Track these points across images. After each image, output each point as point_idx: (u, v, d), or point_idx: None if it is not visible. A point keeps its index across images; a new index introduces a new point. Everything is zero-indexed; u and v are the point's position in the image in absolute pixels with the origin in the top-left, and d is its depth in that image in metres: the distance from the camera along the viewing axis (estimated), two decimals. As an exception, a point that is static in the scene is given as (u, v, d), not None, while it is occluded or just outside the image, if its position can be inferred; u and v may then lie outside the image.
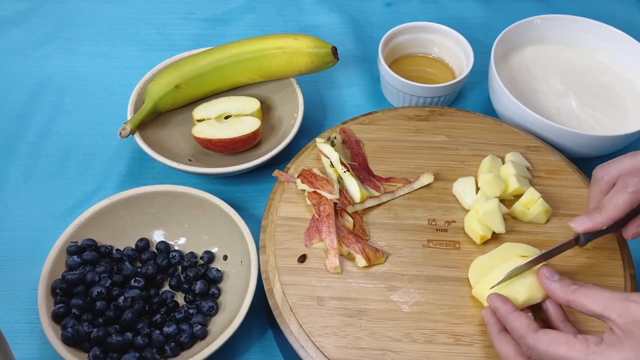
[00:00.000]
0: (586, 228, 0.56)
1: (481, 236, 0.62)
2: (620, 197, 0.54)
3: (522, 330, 0.49)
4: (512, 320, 0.51)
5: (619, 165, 0.56)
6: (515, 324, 0.50)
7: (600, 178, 0.57)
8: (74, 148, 0.80)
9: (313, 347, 0.56)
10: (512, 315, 0.51)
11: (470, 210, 0.64)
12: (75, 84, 0.87)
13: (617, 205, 0.54)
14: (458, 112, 0.75)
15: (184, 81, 0.77)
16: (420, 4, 1.01)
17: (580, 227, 0.56)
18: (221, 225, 0.67)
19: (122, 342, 0.59)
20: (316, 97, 0.86)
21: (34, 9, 0.96)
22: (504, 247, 0.60)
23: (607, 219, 0.55)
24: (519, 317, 0.51)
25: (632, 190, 0.53)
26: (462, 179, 0.67)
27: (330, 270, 0.61)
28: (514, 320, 0.51)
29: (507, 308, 0.52)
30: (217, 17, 0.97)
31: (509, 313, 0.52)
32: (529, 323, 0.50)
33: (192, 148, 0.77)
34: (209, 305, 0.63)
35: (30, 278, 0.68)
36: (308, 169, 0.67)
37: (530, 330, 0.49)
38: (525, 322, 0.50)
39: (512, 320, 0.51)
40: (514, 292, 0.55)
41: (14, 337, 0.64)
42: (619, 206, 0.54)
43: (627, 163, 0.56)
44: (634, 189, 0.53)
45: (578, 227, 0.56)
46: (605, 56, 0.84)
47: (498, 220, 0.62)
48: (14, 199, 0.75)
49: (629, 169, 0.56)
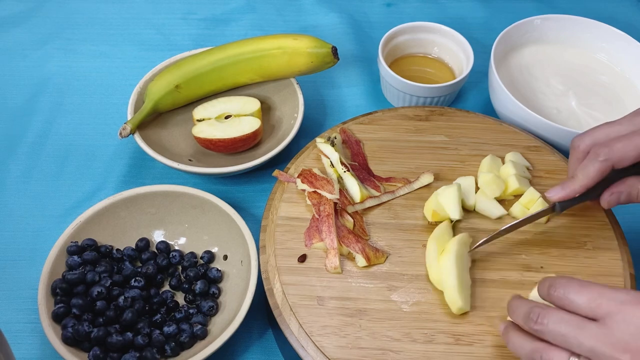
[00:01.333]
0: (560, 196, 0.58)
1: (433, 211, 0.63)
2: (591, 165, 0.56)
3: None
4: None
5: (594, 135, 0.58)
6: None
7: (576, 147, 0.59)
8: (74, 148, 0.80)
9: (313, 347, 0.56)
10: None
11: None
12: (75, 84, 0.87)
13: (588, 173, 0.56)
14: (458, 112, 0.75)
15: (184, 81, 0.77)
16: (420, 4, 1.01)
17: (555, 196, 0.58)
18: (221, 225, 0.67)
19: (122, 342, 0.59)
20: (316, 97, 0.86)
21: (34, 9, 0.96)
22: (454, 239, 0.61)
23: (579, 186, 0.57)
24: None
25: (602, 158, 0.55)
26: (461, 179, 0.67)
27: (330, 270, 0.61)
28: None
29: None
30: (217, 17, 0.97)
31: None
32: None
33: (192, 148, 0.77)
34: (209, 305, 0.63)
35: (30, 278, 0.68)
36: (308, 168, 0.67)
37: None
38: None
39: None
40: None
41: (14, 337, 0.64)
42: (590, 174, 0.56)
43: (601, 132, 0.58)
44: (604, 158, 0.55)
45: (553, 196, 0.59)
46: (605, 56, 0.84)
47: (454, 206, 0.63)
48: (14, 199, 0.75)
49: (602, 138, 0.57)
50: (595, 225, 0.65)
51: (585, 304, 0.46)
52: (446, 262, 0.58)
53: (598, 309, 0.45)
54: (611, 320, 0.44)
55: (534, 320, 0.48)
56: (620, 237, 0.64)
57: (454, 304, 0.57)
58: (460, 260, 0.59)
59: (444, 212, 0.63)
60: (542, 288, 0.50)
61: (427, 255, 0.61)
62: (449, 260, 0.58)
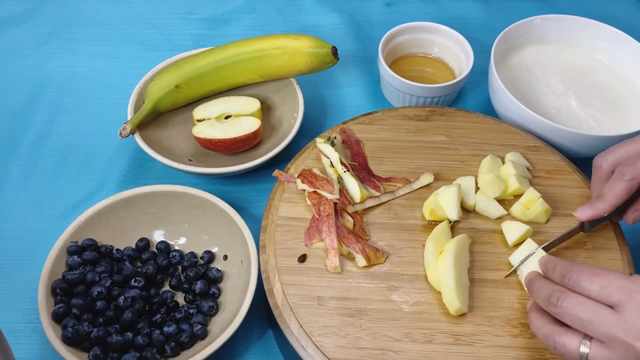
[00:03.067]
0: (589, 216, 0.60)
1: (431, 210, 0.63)
2: (618, 185, 0.58)
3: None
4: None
5: (616, 153, 0.60)
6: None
7: (599, 166, 0.61)
8: (74, 148, 0.80)
9: (313, 347, 0.56)
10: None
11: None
12: (75, 84, 0.87)
13: (616, 193, 0.59)
14: (458, 112, 0.75)
15: (184, 81, 0.77)
16: (420, 4, 1.01)
17: (584, 216, 0.60)
18: (221, 225, 0.67)
19: (122, 342, 0.59)
20: (316, 97, 0.86)
21: (34, 9, 0.96)
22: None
23: (608, 206, 0.59)
24: None
25: (628, 177, 0.58)
26: (461, 179, 0.67)
27: (330, 270, 0.61)
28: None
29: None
30: (217, 17, 0.97)
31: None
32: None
33: (192, 148, 0.77)
34: (209, 305, 0.63)
35: (30, 278, 0.68)
36: (308, 169, 0.67)
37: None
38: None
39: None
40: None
41: (15, 337, 0.64)
42: (617, 194, 0.59)
43: (622, 151, 0.60)
44: (630, 177, 0.58)
45: (582, 215, 0.61)
46: (605, 56, 0.84)
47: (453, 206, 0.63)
48: (14, 199, 0.75)
49: (625, 156, 0.59)
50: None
51: (597, 292, 0.48)
52: (444, 264, 0.58)
53: (610, 297, 0.47)
54: (624, 308, 0.46)
55: (553, 303, 0.50)
56: (620, 237, 0.64)
57: (452, 305, 0.57)
58: (459, 262, 0.59)
59: (442, 212, 0.63)
60: (554, 273, 0.52)
61: (425, 256, 0.61)
62: (447, 262, 0.58)
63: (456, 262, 0.58)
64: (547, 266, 0.54)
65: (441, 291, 0.59)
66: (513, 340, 0.57)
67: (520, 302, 0.59)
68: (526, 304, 0.58)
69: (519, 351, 0.56)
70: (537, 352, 0.56)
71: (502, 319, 0.58)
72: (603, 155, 0.61)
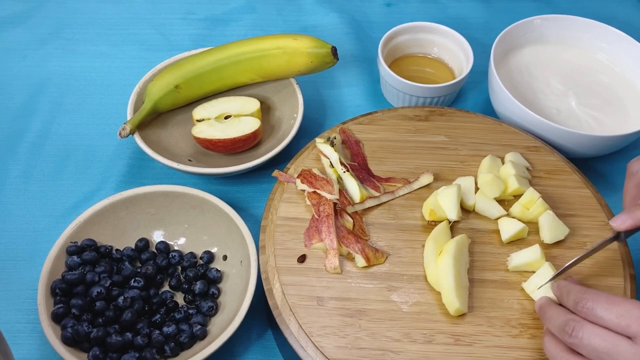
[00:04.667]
0: (628, 226, 0.55)
1: (430, 210, 0.63)
2: None
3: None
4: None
5: None
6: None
7: (635, 172, 0.57)
8: (74, 148, 0.80)
9: (313, 347, 0.56)
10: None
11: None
12: (75, 84, 0.87)
13: None
14: (458, 112, 0.75)
15: (184, 81, 0.77)
16: (420, 4, 1.01)
17: (622, 225, 0.55)
18: (221, 225, 0.67)
19: (121, 342, 0.59)
20: (316, 97, 0.86)
21: (34, 9, 0.96)
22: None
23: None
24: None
25: None
26: (461, 179, 0.67)
27: (329, 271, 0.61)
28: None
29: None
30: (217, 17, 0.97)
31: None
32: None
33: (192, 148, 0.77)
34: (209, 306, 0.63)
35: (30, 278, 0.68)
36: (308, 169, 0.67)
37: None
38: None
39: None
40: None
41: (14, 337, 0.64)
42: None
43: None
44: None
45: (619, 225, 0.56)
46: (605, 56, 0.84)
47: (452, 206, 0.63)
48: (14, 199, 0.75)
49: None
50: (595, 225, 0.65)
51: (614, 321, 0.46)
52: (444, 264, 0.58)
53: (628, 328, 0.46)
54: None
55: (569, 333, 0.48)
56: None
57: (451, 305, 0.57)
58: (458, 262, 0.59)
59: (441, 212, 0.63)
60: (567, 299, 0.50)
61: (425, 256, 0.61)
62: (446, 262, 0.58)
63: (456, 262, 0.58)
64: (562, 291, 0.52)
65: (441, 291, 0.58)
66: (513, 340, 0.57)
67: (520, 302, 0.59)
68: (526, 304, 0.58)
69: (519, 351, 0.56)
70: (537, 353, 0.56)
71: (502, 319, 0.58)
72: (637, 159, 0.58)
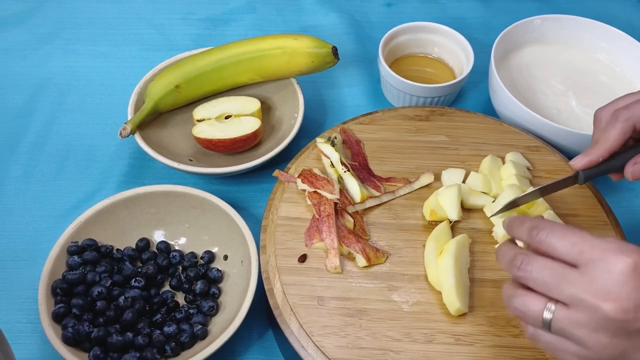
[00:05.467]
0: (584, 164, 0.56)
1: (431, 210, 0.63)
2: (613, 128, 0.54)
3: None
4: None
5: (615, 104, 0.57)
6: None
7: (599, 117, 0.58)
8: (74, 148, 0.80)
9: (313, 347, 0.56)
10: None
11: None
12: (76, 84, 0.87)
13: (610, 136, 0.54)
14: (458, 112, 0.75)
15: (184, 81, 0.77)
16: (420, 4, 1.01)
17: (579, 164, 0.56)
18: (221, 225, 0.67)
19: (122, 342, 0.59)
20: (316, 97, 0.86)
21: (34, 9, 0.96)
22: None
23: (602, 151, 0.55)
24: None
25: (622, 119, 0.54)
26: (451, 170, 0.68)
27: (330, 270, 0.61)
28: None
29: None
30: (217, 17, 0.97)
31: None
32: None
33: (192, 148, 0.77)
34: (209, 305, 0.63)
35: (30, 278, 0.68)
36: (308, 169, 0.67)
37: None
38: None
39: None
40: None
41: (15, 337, 0.64)
42: (612, 137, 0.54)
43: (622, 102, 0.56)
44: (624, 118, 0.54)
45: (577, 164, 0.56)
46: (605, 56, 0.84)
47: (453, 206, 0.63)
48: (14, 199, 0.75)
49: (623, 105, 0.56)
50: (595, 225, 0.65)
51: (567, 249, 0.44)
52: (444, 264, 0.58)
53: (580, 255, 0.44)
54: (593, 268, 0.43)
55: (517, 266, 0.46)
56: (620, 237, 0.64)
57: (452, 305, 0.57)
58: (459, 262, 0.59)
59: (442, 212, 0.63)
60: (522, 228, 0.48)
61: (425, 256, 0.61)
62: (447, 262, 0.58)
63: (456, 262, 0.58)
64: (514, 222, 0.49)
65: (441, 291, 0.59)
66: (514, 340, 0.57)
67: (521, 302, 0.59)
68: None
69: (519, 351, 0.56)
70: (538, 353, 0.56)
71: (503, 319, 0.58)
72: (603, 107, 0.57)
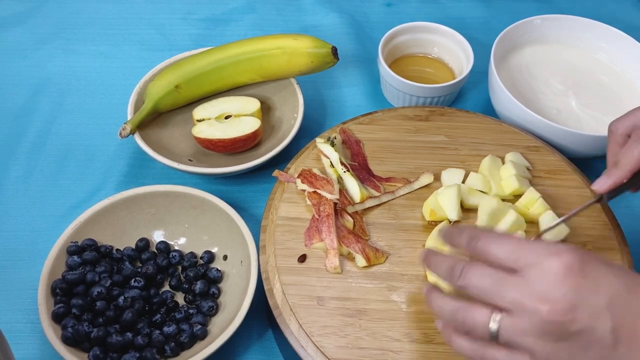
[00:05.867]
0: (608, 186, 0.56)
1: (431, 210, 0.63)
2: (635, 149, 0.54)
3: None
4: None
5: (633, 117, 0.57)
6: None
7: (615, 131, 0.58)
8: (74, 148, 0.80)
9: (313, 347, 0.56)
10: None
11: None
12: (76, 84, 0.87)
13: (633, 158, 0.55)
14: (458, 112, 0.75)
15: (184, 81, 0.77)
16: (420, 4, 1.01)
17: (602, 187, 0.57)
18: (221, 225, 0.67)
19: (122, 342, 0.59)
20: (316, 97, 0.86)
21: (34, 9, 0.96)
22: None
23: (625, 172, 0.55)
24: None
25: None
26: (451, 170, 0.68)
27: (330, 270, 0.61)
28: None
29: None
30: (217, 17, 0.97)
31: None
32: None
33: (192, 148, 0.77)
34: (209, 305, 0.63)
35: (30, 278, 0.68)
36: (308, 169, 0.67)
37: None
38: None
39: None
40: None
41: (14, 337, 0.64)
42: (635, 158, 0.55)
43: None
44: None
45: (600, 187, 0.57)
46: (605, 56, 0.84)
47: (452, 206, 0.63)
48: (14, 199, 0.75)
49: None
50: (595, 225, 0.65)
51: (505, 255, 0.44)
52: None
53: (518, 260, 0.44)
54: (530, 271, 0.43)
55: (457, 275, 0.46)
56: (620, 237, 0.64)
57: None
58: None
59: (441, 212, 0.63)
60: (460, 237, 0.48)
61: None
62: None
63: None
64: (453, 232, 0.49)
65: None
66: (513, 340, 0.57)
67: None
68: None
69: (519, 351, 0.56)
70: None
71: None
72: (619, 119, 0.57)
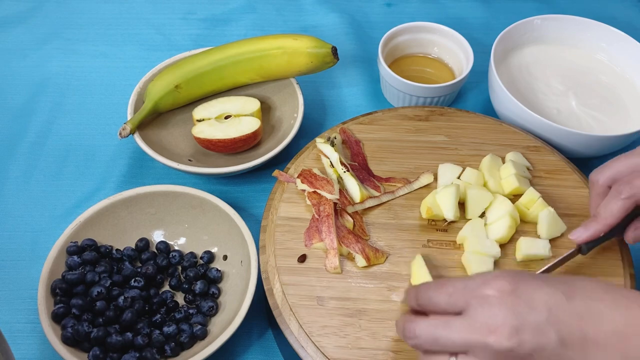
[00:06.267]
0: (585, 238, 0.57)
1: (427, 208, 0.63)
2: (614, 203, 0.55)
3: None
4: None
5: (613, 168, 0.58)
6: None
7: (596, 182, 0.59)
8: (74, 148, 0.80)
9: (313, 347, 0.56)
10: None
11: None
12: (75, 84, 0.87)
13: (612, 212, 0.56)
14: (458, 112, 0.75)
15: (184, 81, 0.77)
16: (420, 4, 1.01)
17: (580, 238, 0.58)
18: (221, 225, 0.67)
19: (122, 342, 0.59)
20: (316, 97, 0.86)
21: (34, 9, 0.96)
22: None
23: (603, 226, 0.56)
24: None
25: (625, 196, 0.55)
26: (447, 164, 0.68)
27: (330, 270, 0.61)
28: None
29: None
30: (217, 17, 0.97)
31: None
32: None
33: (192, 148, 0.77)
34: (209, 305, 0.63)
35: (30, 278, 0.68)
36: (308, 169, 0.67)
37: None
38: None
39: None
40: None
41: (14, 337, 0.64)
42: (613, 213, 0.56)
43: (620, 165, 0.57)
44: (627, 195, 0.55)
45: (577, 238, 0.58)
46: (605, 56, 0.84)
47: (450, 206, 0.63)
48: (14, 199, 0.75)
49: (622, 171, 0.57)
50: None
51: (446, 300, 0.46)
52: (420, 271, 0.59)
53: (458, 302, 0.45)
54: (470, 307, 0.44)
55: (409, 336, 0.47)
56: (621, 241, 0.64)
57: None
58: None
59: (438, 210, 0.63)
60: (411, 299, 0.49)
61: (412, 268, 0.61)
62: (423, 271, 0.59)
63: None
64: (407, 296, 0.50)
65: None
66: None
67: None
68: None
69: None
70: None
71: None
72: (600, 170, 0.58)
